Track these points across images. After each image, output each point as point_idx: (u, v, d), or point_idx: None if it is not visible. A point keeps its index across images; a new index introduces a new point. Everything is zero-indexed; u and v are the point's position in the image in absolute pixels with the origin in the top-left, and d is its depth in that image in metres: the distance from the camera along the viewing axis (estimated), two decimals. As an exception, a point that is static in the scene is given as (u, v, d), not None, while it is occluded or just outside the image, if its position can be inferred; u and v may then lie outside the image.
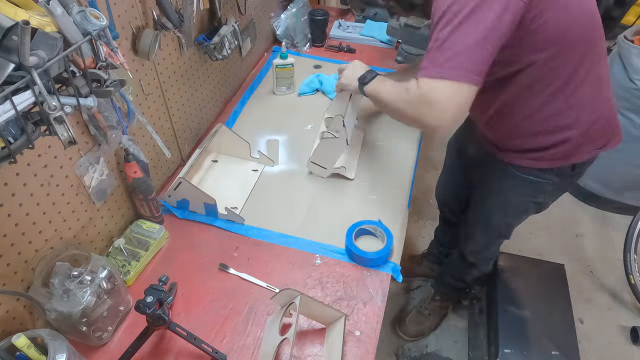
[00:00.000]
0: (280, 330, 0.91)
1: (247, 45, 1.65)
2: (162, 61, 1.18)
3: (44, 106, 0.66)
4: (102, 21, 0.70)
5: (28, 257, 0.88)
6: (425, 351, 1.84)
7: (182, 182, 1.13)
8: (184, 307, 1.04)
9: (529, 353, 1.48)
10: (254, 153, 1.37)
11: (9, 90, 0.59)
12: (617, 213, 2.40)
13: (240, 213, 1.24)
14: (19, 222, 0.84)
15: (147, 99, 1.16)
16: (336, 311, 0.98)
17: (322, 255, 1.15)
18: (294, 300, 0.91)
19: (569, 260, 2.06)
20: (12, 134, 0.67)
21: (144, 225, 1.16)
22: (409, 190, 1.33)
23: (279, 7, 1.96)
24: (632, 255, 1.92)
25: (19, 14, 0.62)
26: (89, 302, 0.86)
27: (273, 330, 0.92)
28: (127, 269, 1.07)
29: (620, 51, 2.02)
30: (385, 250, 1.10)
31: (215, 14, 1.37)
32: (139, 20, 1.05)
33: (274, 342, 0.90)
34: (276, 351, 0.89)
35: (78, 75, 0.73)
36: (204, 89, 1.46)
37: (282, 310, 0.95)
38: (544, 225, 2.34)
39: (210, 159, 1.38)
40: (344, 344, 0.95)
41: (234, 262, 1.13)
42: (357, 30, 2.05)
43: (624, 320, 1.96)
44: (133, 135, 1.12)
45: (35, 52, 0.60)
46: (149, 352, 0.96)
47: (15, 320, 0.88)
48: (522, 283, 1.66)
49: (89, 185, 1.00)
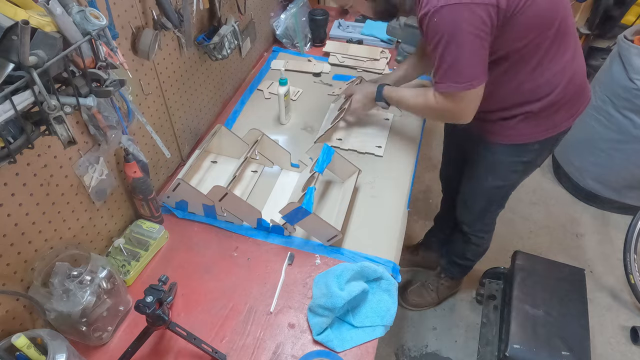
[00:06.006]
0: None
1: (246, 45, 1.65)
2: (161, 61, 1.18)
3: (44, 106, 0.66)
4: (102, 21, 0.70)
5: (28, 257, 0.88)
6: (425, 351, 1.84)
7: (180, 183, 1.13)
8: (184, 307, 1.04)
9: (539, 351, 1.48)
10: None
11: (9, 90, 0.59)
12: (617, 213, 2.39)
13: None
14: (19, 222, 0.84)
15: (146, 99, 1.16)
16: (352, 165, 1.27)
17: (322, 255, 1.15)
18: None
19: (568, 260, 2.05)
20: (11, 134, 0.67)
21: (143, 225, 1.16)
22: (409, 190, 1.33)
23: (278, 7, 1.95)
24: (632, 255, 1.92)
25: (19, 14, 0.62)
26: (89, 302, 0.86)
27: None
28: (127, 269, 1.07)
29: (620, 51, 2.02)
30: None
31: (215, 14, 1.37)
32: (138, 20, 1.05)
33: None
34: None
35: (78, 75, 0.73)
36: (204, 89, 1.46)
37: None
38: (544, 224, 2.34)
39: (210, 160, 1.38)
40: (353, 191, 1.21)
41: (234, 262, 1.13)
42: (357, 30, 2.05)
43: (624, 320, 1.96)
44: (133, 135, 1.12)
45: (35, 52, 0.60)
46: (148, 352, 0.96)
47: (15, 320, 0.88)
48: (539, 284, 1.66)
49: (89, 185, 1.00)
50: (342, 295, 0.96)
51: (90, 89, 0.74)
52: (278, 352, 0.96)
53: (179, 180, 1.13)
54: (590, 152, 2.27)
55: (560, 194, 2.52)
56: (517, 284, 1.67)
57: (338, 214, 1.20)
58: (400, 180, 1.35)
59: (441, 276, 1.90)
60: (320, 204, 1.28)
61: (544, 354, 1.48)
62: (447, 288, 1.93)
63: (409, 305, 1.94)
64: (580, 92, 1.20)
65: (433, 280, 1.93)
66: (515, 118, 1.19)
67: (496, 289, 1.86)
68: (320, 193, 1.30)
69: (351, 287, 1.00)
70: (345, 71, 1.81)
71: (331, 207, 1.26)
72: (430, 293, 1.92)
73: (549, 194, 2.51)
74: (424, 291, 1.93)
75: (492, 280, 1.90)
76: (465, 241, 1.64)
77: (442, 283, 1.91)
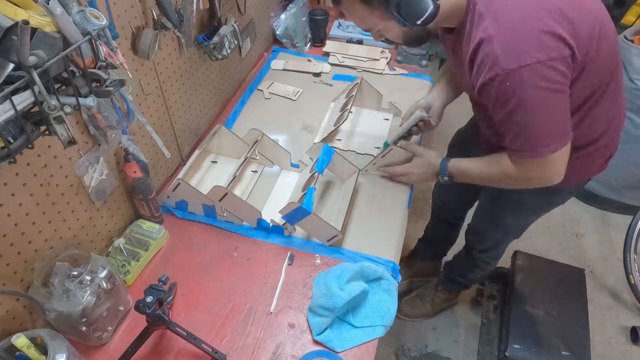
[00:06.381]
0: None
1: (246, 45, 1.65)
2: (161, 61, 1.18)
3: (44, 106, 0.66)
4: (102, 21, 0.70)
5: (28, 257, 0.88)
6: (425, 351, 1.84)
7: (180, 183, 1.13)
8: (184, 307, 1.04)
9: (539, 351, 1.48)
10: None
11: (9, 90, 0.59)
12: (617, 213, 2.39)
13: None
14: (19, 222, 0.84)
15: (146, 99, 1.16)
16: (352, 165, 1.28)
17: (322, 255, 1.15)
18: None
19: (569, 260, 2.05)
20: (11, 134, 0.67)
21: (143, 225, 1.16)
22: (409, 190, 1.33)
23: (278, 7, 1.95)
24: (632, 255, 1.92)
25: (19, 14, 0.62)
26: (89, 302, 0.86)
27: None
28: (127, 269, 1.07)
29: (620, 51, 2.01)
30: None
31: (215, 14, 1.37)
32: (138, 20, 1.05)
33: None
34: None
35: (78, 75, 0.73)
36: (204, 89, 1.46)
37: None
38: (544, 225, 2.34)
39: (210, 160, 1.37)
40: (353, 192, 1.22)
41: (234, 262, 1.13)
42: (357, 30, 2.05)
43: (624, 320, 1.96)
44: (133, 135, 1.12)
45: (35, 52, 0.60)
46: (148, 352, 0.96)
47: (15, 320, 0.88)
48: (539, 284, 1.66)
49: (89, 185, 1.00)
50: (342, 295, 0.96)
51: (90, 89, 0.74)
52: (278, 352, 0.96)
53: (179, 180, 1.13)
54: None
55: (560, 194, 2.51)
56: (517, 284, 1.68)
57: (338, 214, 1.20)
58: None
59: (438, 289, 1.87)
60: (320, 204, 1.28)
61: (544, 354, 1.48)
62: (443, 301, 1.90)
63: (402, 315, 1.90)
64: (618, 137, 1.15)
65: (429, 292, 1.89)
66: None
67: (496, 289, 1.86)
68: (320, 193, 1.30)
69: (351, 287, 1.00)
70: (345, 71, 1.81)
71: (331, 207, 1.26)
72: (425, 305, 1.89)
73: (549, 194, 2.51)
74: (419, 302, 1.90)
75: (492, 280, 1.90)
76: (472, 265, 1.59)
77: (439, 296, 1.88)
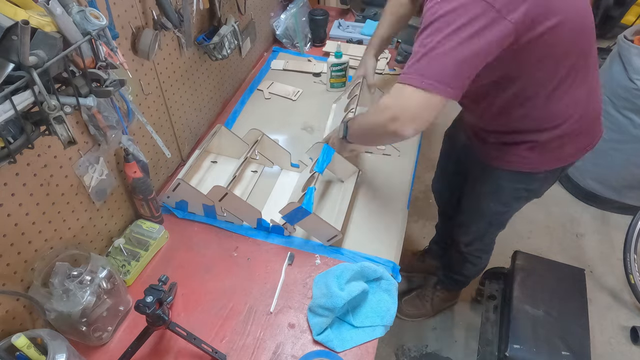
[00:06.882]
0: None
1: (246, 45, 1.65)
2: (161, 61, 1.18)
3: (44, 106, 0.66)
4: (102, 21, 0.70)
5: (28, 257, 0.88)
6: (425, 351, 1.84)
7: (180, 183, 1.13)
8: (184, 307, 1.04)
9: (539, 351, 1.48)
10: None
11: (9, 90, 0.59)
12: (617, 213, 2.39)
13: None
14: (19, 222, 0.84)
15: (146, 99, 1.16)
16: (352, 165, 1.27)
17: (322, 255, 1.15)
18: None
19: (568, 260, 2.05)
20: (11, 134, 0.67)
21: (143, 225, 1.16)
22: (409, 190, 1.33)
23: (278, 7, 1.95)
24: (632, 255, 1.92)
25: (19, 14, 0.62)
26: (89, 302, 0.86)
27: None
28: (127, 269, 1.07)
29: (620, 51, 2.01)
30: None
31: (215, 14, 1.37)
32: (138, 20, 1.05)
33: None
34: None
35: (78, 75, 0.73)
36: (204, 89, 1.46)
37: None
38: (544, 225, 2.34)
39: (210, 160, 1.37)
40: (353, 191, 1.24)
41: (234, 262, 1.13)
42: (357, 30, 2.05)
43: (624, 320, 1.96)
44: (133, 135, 1.12)
45: (35, 52, 0.60)
46: (148, 352, 0.96)
47: (15, 320, 0.88)
48: (539, 284, 1.66)
49: (89, 185, 1.00)
50: (342, 295, 0.96)
51: (90, 89, 0.74)
52: (278, 352, 0.96)
53: (179, 180, 1.13)
54: (590, 152, 2.27)
55: (560, 193, 2.52)
56: (517, 284, 1.67)
57: (338, 214, 1.20)
58: (400, 180, 1.35)
59: (437, 287, 1.88)
60: (320, 204, 1.28)
61: (544, 354, 1.48)
62: (442, 300, 1.91)
63: (402, 315, 1.91)
64: (591, 128, 1.15)
65: (429, 291, 1.90)
66: (518, 145, 1.12)
67: (496, 289, 1.86)
68: (320, 193, 1.30)
69: (351, 287, 1.00)
70: (345, 71, 1.81)
71: (331, 207, 1.26)
72: (425, 304, 1.90)
73: (549, 193, 2.47)
74: (419, 302, 1.91)
75: (492, 280, 1.90)
76: (463, 260, 1.61)
77: (438, 295, 1.89)
